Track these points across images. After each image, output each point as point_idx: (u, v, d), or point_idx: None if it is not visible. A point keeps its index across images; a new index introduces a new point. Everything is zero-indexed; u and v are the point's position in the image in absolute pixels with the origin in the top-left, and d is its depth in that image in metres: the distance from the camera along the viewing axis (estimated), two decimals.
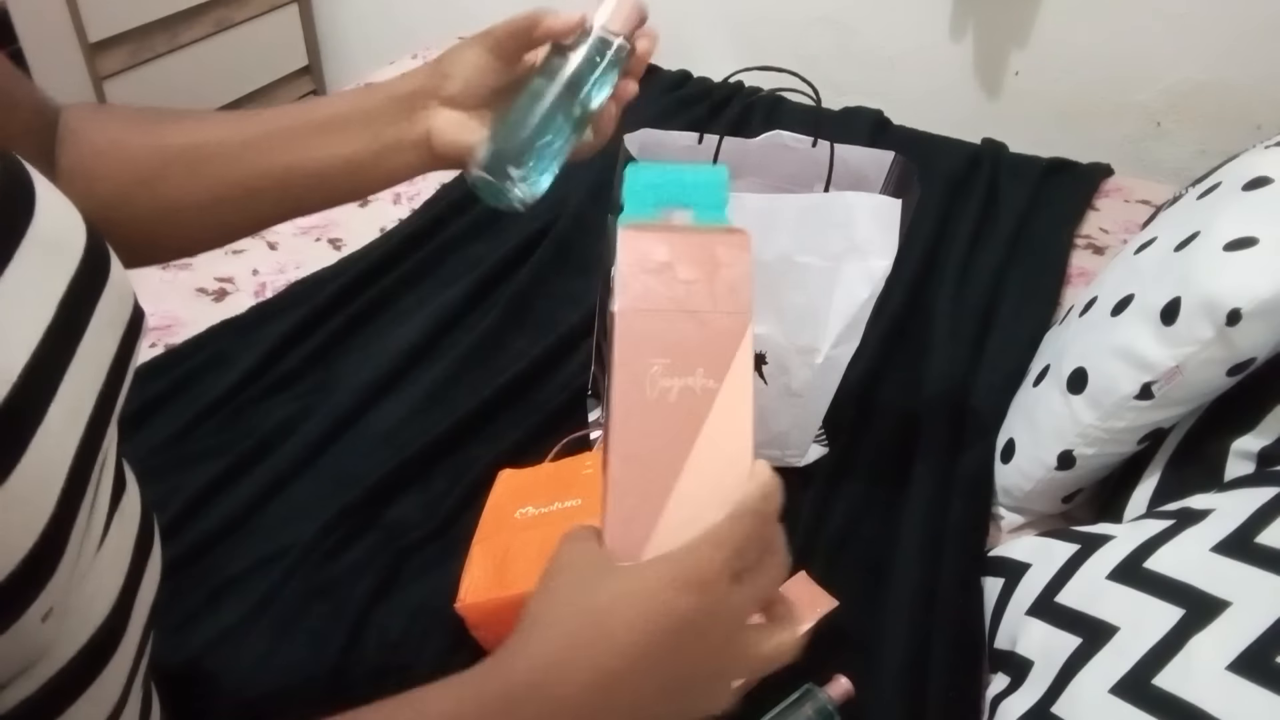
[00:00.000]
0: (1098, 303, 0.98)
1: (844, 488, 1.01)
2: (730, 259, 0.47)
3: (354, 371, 1.15)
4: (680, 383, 0.46)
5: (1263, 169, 0.88)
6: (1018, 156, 1.64)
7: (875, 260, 0.87)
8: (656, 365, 0.46)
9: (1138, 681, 0.62)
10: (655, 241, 0.47)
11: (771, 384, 0.94)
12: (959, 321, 1.24)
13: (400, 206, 1.48)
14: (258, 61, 2.41)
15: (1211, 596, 0.63)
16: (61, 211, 0.43)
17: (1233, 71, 1.65)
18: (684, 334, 0.46)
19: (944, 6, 1.80)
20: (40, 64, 1.91)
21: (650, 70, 1.88)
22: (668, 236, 0.48)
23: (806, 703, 0.77)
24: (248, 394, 1.11)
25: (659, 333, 0.46)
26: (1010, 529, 1.00)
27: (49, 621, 0.39)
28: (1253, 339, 0.78)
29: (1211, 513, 0.70)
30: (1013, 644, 0.77)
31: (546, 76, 0.64)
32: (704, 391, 0.46)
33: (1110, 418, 0.89)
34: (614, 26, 0.64)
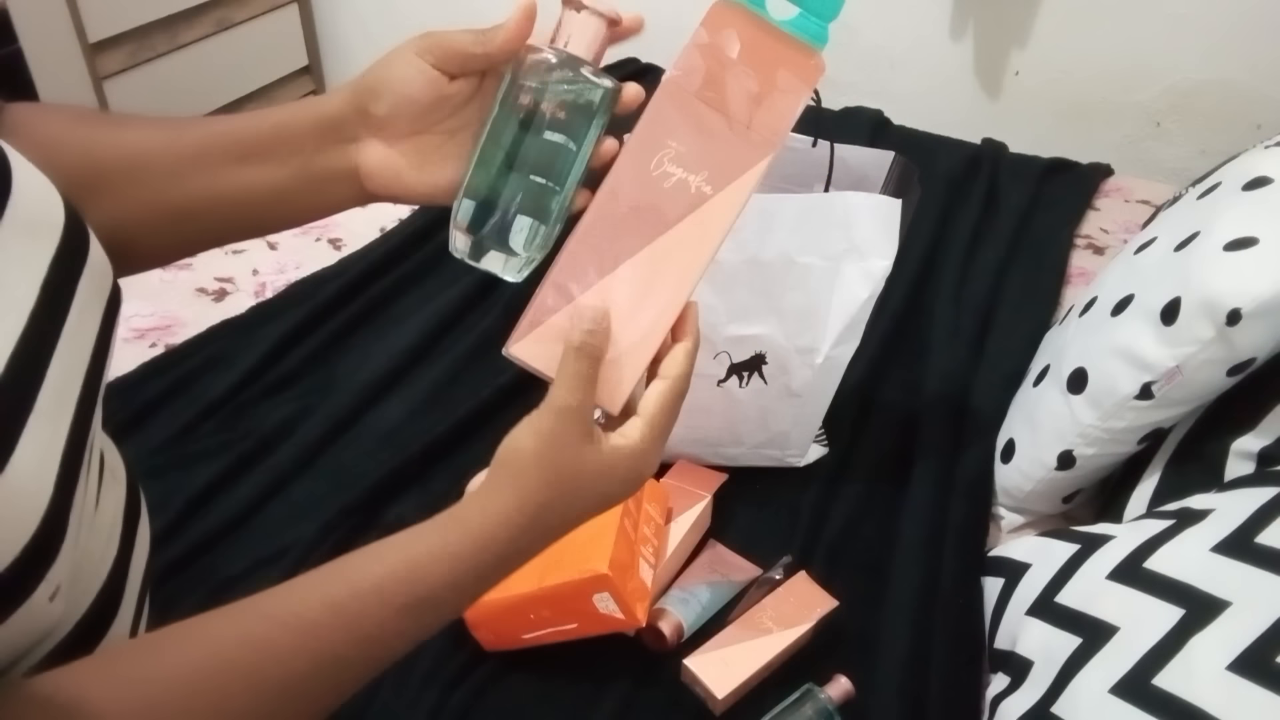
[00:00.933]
0: (1098, 303, 0.98)
1: (844, 488, 1.01)
2: (789, 86, 0.47)
3: (354, 371, 1.16)
4: (682, 174, 0.47)
5: (1263, 169, 0.88)
6: (1018, 156, 1.64)
7: (875, 260, 0.87)
8: (672, 147, 0.47)
9: (1138, 681, 0.62)
10: (733, 30, 0.47)
11: (771, 384, 0.94)
12: (959, 321, 1.24)
13: (400, 206, 1.48)
14: (258, 61, 2.41)
15: (1211, 596, 0.63)
16: (39, 189, 0.43)
17: (1233, 71, 1.65)
18: (710, 133, 0.47)
19: (944, 6, 1.80)
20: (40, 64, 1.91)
21: (650, 70, 1.88)
22: (750, 34, 0.47)
23: (806, 703, 0.77)
24: (248, 394, 1.11)
25: (690, 119, 0.47)
26: (1010, 529, 1.00)
27: (56, 600, 0.39)
28: (1253, 339, 0.78)
29: (1211, 513, 0.70)
30: (1013, 644, 0.77)
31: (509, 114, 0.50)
32: (697, 193, 0.47)
33: (1110, 418, 0.89)
34: (580, 50, 0.50)
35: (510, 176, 0.50)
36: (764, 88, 0.47)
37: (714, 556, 0.92)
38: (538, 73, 0.49)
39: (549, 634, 0.82)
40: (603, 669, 0.83)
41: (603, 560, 0.77)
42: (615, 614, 0.79)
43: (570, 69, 0.49)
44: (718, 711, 0.80)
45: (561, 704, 0.81)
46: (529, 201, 0.50)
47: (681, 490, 0.95)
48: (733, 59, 0.47)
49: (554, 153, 0.49)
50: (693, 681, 0.81)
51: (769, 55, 0.47)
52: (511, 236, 0.50)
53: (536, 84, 0.49)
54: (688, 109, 0.47)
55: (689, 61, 0.47)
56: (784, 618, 0.84)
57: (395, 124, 0.53)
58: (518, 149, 0.50)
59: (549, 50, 0.50)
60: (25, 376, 0.38)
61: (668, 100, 0.47)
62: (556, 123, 0.49)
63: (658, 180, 0.47)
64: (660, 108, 0.47)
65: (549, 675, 0.83)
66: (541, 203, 0.50)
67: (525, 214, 0.50)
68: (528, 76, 0.49)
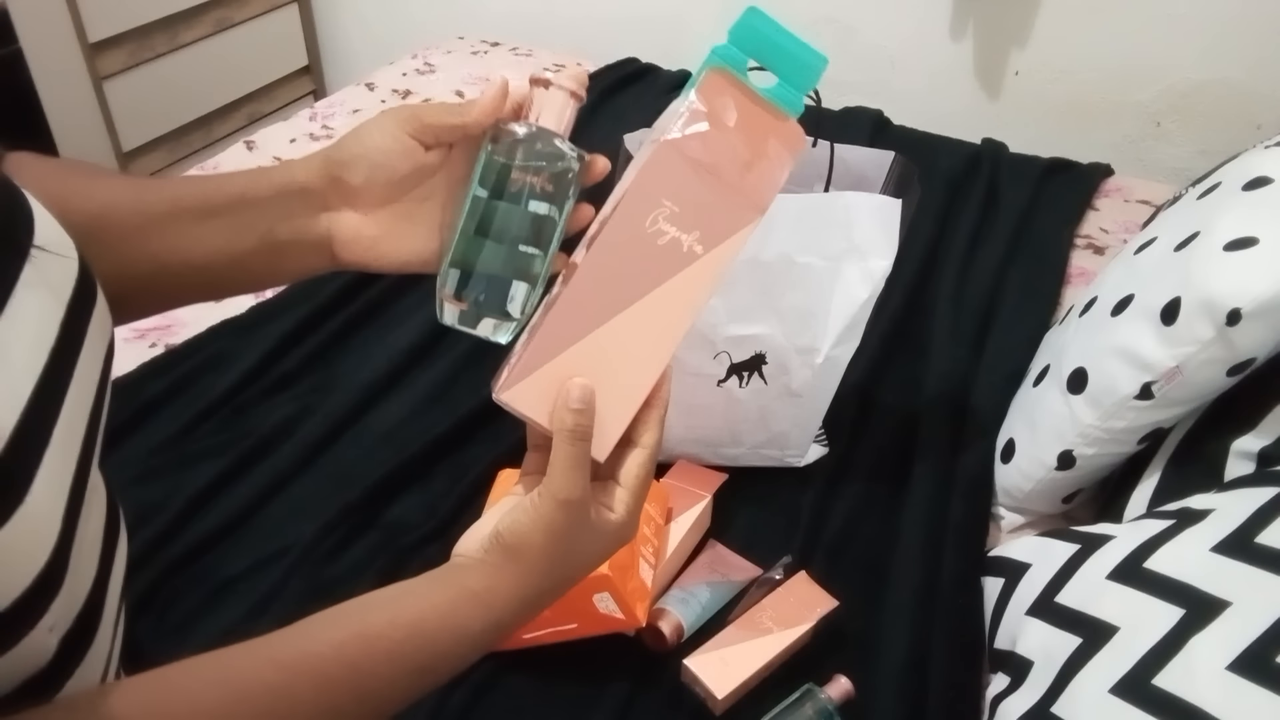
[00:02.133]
0: (1098, 303, 0.98)
1: (844, 488, 1.01)
2: (776, 156, 0.51)
3: (354, 371, 1.16)
4: (675, 232, 0.49)
5: (1263, 169, 0.88)
6: (1018, 156, 1.64)
7: (875, 260, 0.87)
8: (667, 206, 0.49)
9: (1138, 681, 0.62)
10: (730, 99, 0.50)
11: (771, 384, 0.94)
12: (959, 321, 1.24)
13: None
14: (258, 61, 2.41)
15: (1211, 596, 0.63)
16: (54, 232, 0.44)
17: (1233, 71, 1.65)
18: (704, 195, 0.49)
19: (944, 6, 1.80)
20: (40, 64, 1.91)
21: (650, 70, 1.88)
22: (742, 102, 0.50)
23: (806, 703, 0.77)
24: (248, 394, 1.11)
25: (686, 181, 0.49)
26: (1010, 529, 1.00)
27: (53, 631, 0.40)
28: (1253, 339, 0.78)
29: (1211, 513, 0.70)
30: (1013, 644, 0.77)
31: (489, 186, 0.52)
32: (688, 252, 0.49)
33: (1110, 418, 0.89)
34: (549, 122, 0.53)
35: (495, 246, 0.52)
36: (754, 155, 0.50)
37: (714, 556, 0.92)
38: (516, 146, 0.52)
39: (549, 634, 0.82)
40: (603, 669, 0.83)
41: None
42: (615, 614, 0.79)
43: (545, 141, 0.52)
44: (718, 711, 0.80)
45: (561, 704, 0.81)
46: (518, 269, 0.52)
47: (681, 490, 0.95)
48: (727, 125, 0.50)
49: (540, 221, 0.52)
50: (693, 681, 0.81)
51: (757, 123, 0.50)
52: (508, 303, 0.53)
53: (516, 157, 0.52)
54: (684, 171, 0.49)
55: (685, 124, 0.49)
56: (784, 618, 0.84)
57: (370, 193, 0.53)
58: (502, 219, 0.52)
59: (522, 124, 0.53)
60: (45, 413, 0.39)
61: (666, 161, 0.49)
62: (539, 193, 0.52)
63: (652, 237, 0.49)
64: (658, 167, 0.49)
65: (549, 675, 0.83)
66: (529, 269, 0.53)
67: (516, 278, 0.52)
68: (506, 150, 0.52)
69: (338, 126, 1.70)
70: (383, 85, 1.84)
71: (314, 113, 1.75)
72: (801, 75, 0.51)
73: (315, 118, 1.73)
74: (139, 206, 0.54)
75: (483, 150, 0.53)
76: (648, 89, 1.81)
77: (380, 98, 1.79)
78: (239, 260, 0.55)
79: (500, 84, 0.53)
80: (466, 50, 1.99)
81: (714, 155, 0.49)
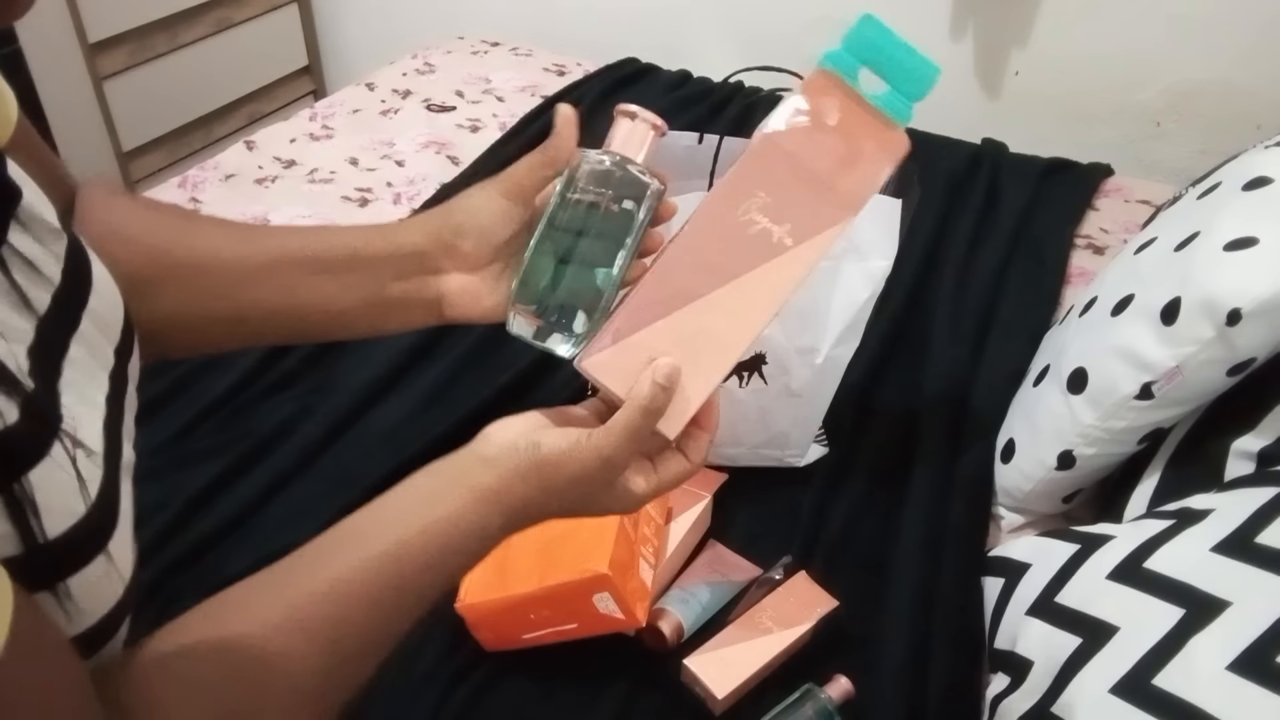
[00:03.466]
0: (1098, 303, 0.98)
1: (844, 488, 1.01)
2: (874, 159, 0.51)
3: (354, 371, 1.15)
4: (767, 223, 0.50)
5: (1263, 169, 0.88)
6: (1018, 156, 1.64)
7: (875, 260, 0.87)
8: (760, 197, 0.50)
9: (1138, 681, 0.62)
10: (833, 99, 0.51)
11: (771, 384, 0.94)
12: (959, 321, 1.24)
13: (400, 206, 1.48)
14: (258, 61, 2.41)
15: (1211, 596, 0.63)
16: (107, 284, 0.46)
17: (1233, 71, 1.65)
18: (798, 189, 0.50)
19: (944, 6, 1.80)
20: (40, 64, 1.91)
21: (650, 70, 1.88)
22: (847, 104, 0.51)
23: (806, 703, 0.77)
24: (248, 394, 1.11)
25: (782, 173, 0.50)
26: (1010, 529, 1.00)
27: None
28: (1253, 339, 0.78)
29: (1211, 513, 0.70)
30: (1013, 644, 0.77)
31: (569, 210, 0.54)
32: (778, 243, 0.50)
33: (1110, 418, 0.89)
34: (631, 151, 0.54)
35: (573, 269, 0.54)
36: (852, 155, 0.50)
37: (714, 556, 0.92)
38: (599, 175, 0.54)
39: (549, 634, 0.82)
40: (603, 669, 0.83)
41: (603, 560, 0.77)
42: (615, 614, 0.79)
43: (624, 169, 0.54)
44: (718, 711, 0.80)
45: (561, 704, 0.81)
46: (592, 290, 0.54)
47: (681, 490, 0.94)
48: (828, 125, 0.50)
49: (614, 246, 0.53)
50: (693, 681, 0.81)
51: (859, 126, 0.51)
52: (576, 322, 0.54)
53: (596, 184, 0.54)
54: (780, 164, 0.50)
55: (787, 121, 0.50)
56: (784, 618, 0.84)
57: (478, 256, 0.57)
58: (580, 242, 0.54)
59: (604, 153, 0.54)
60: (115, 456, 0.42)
61: (763, 153, 0.50)
62: (615, 217, 0.53)
63: (743, 226, 0.49)
64: (755, 158, 0.50)
65: (549, 675, 0.83)
66: (602, 291, 0.54)
67: (588, 300, 0.54)
68: (588, 178, 0.54)
69: (338, 126, 1.70)
70: (383, 85, 1.84)
71: (314, 113, 1.75)
72: (912, 84, 0.52)
73: (315, 118, 1.73)
74: (243, 255, 0.57)
75: (563, 175, 0.55)
76: (648, 89, 1.81)
77: (380, 97, 1.79)
78: (343, 313, 0.59)
79: (569, 116, 0.55)
80: (466, 50, 1.99)
81: (812, 152, 0.50)
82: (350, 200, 1.49)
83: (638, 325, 0.50)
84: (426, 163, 1.60)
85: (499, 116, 1.73)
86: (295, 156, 1.61)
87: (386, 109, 1.75)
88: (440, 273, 0.58)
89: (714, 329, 0.50)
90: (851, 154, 0.50)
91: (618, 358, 0.50)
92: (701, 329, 0.50)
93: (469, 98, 1.80)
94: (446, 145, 1.65)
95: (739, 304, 0.50)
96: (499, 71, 1.90)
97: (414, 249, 0.57)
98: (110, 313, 0.47)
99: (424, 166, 1.59)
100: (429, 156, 1.62)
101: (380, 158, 1.61)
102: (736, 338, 0.50)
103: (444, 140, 1.66)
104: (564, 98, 1.75)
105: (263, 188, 1.52)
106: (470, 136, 1.67)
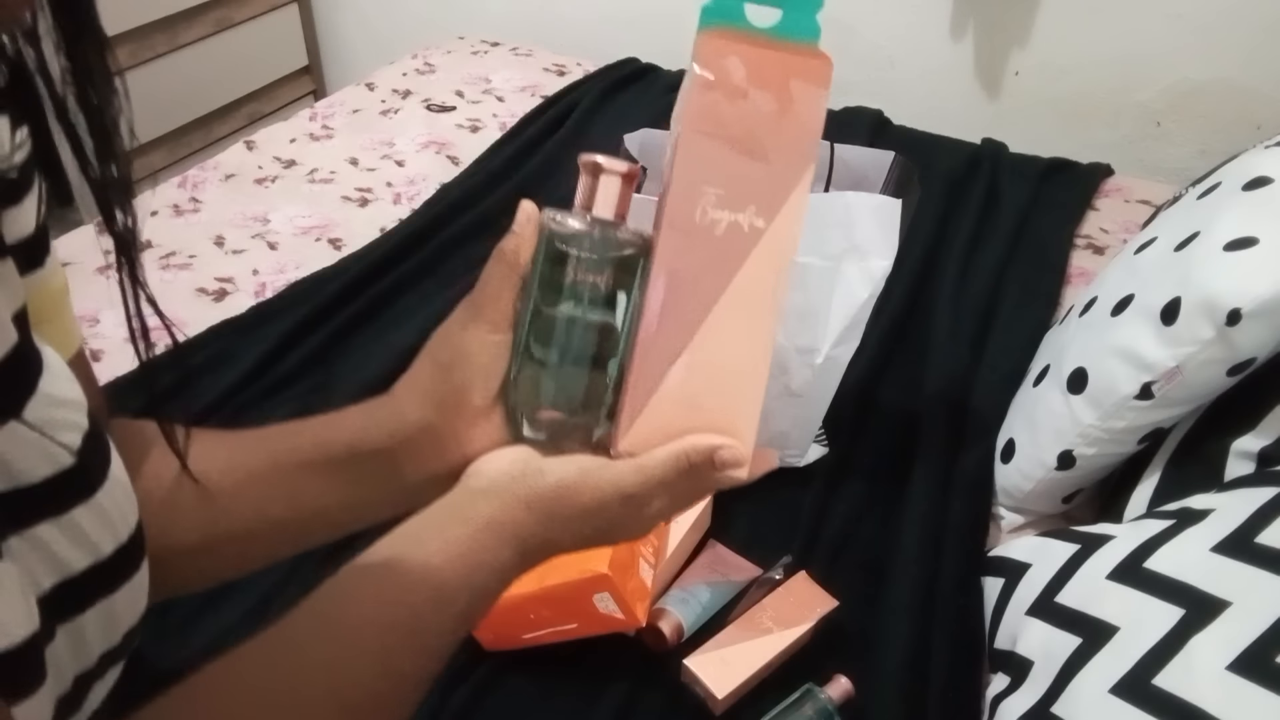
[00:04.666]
0: (1098, 303, 0.98)
1: (844, 488, 1.01)
2: (805, 95, 0.46)
3: (354, 371, 1.15)
4: (730, 216, 0.46)
5: (1263, 169, 0.88)
6: (1018, 156, 1.64)
7: (875, 260, 0.87)
8: (711, 194, 0.45)
9: (1138, 681, 0.62)
10: (732, 57, 0.45)
11: (771, 384, 0.94)
12: (959, 321, 1.24)
13: (400, 206, 1.48)
14: (258, 61, 2.41)
15: (1211, 596, 0.63)
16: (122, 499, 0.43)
17: (1233, 71, 1.65)
18: (744, 165, 0.46)
19: (944, 6, 1.80)
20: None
21: (650, 70, 1.88)
22: (747, 52, 0.45)
23: (806, 703, 0.77)
24: (248, 394, 1.11)
25: (719, 161, 0.45)
26: (1010, 529, 1.00)
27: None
28: (1253, 339, 0.78)
29: (1211, 513, 0.70)
30: (1013, 644, 0.77)
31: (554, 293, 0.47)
32: (751, 230, 0.46)
33: (1110, 418, 0.89)
34: (607, 211, 0.48)
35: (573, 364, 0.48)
36: (781, 103, 0.46)
37: (714, 556, 0.92)
38: (574, 246, 0.47)
39: (549, 634, 0.82)
40: (603, 669, 0.83)
41: (603, 560, 0.77)
42: (615, 614, 0.79)
43: (603, 232, 0.47)
44: (718, 711, 0.80)
45: (561, 704, 0.81)
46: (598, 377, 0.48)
47: None
48: (740, 85, 0.45)
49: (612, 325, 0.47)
50: (693, 681, 0.81)
51: (772, 70, 0.46)
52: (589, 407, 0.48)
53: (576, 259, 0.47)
54: (712, 149, 0.45)
55: (695, 105, 0.45)
56: (784, 618, 0.84)
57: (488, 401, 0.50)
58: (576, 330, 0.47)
59: (576, 218, 0.47)
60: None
61: (690, 147, 0.45)
62: (607, 292, 0.47)
63: (707, 230, 0.45)
64: (686, 157, 0.45)
65: (549, 675, 0.83)
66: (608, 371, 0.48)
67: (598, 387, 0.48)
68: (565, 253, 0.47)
69: (338, 126, 1.70)
70: (383, 85, 1.84)
71: (314, 113, 1.75)
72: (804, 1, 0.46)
73: (315, 118, 1.73)
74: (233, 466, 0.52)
75: (537, 254, 0.48)
76: (648, 89, 1.81)
77: (380, 97, 1.79)
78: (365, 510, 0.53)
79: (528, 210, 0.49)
80: (466, 50, 1.99)
81: (739, 121, 0.45)
82: (350, 200, 1.49)
83: (651, 386, 0.46)
84: (426, 163, 1.60)
85: (499, 116, 1.73)
86: (295, 156, 1.61)
87: (386, 109, 1.75)
88: (456, 435, 0.50)
89: (731, 346, 0.47)
90: (780, 102, 0.45)
91: (648, 425, 0.46)
92: (718, 353, 0.46)
93: (469, 98, 1.80)
94: (446, 145, 1.65)
95: (743, 309, 0.46)
96: (499, 71, 1.90)
97: (419, 424, 0.50)
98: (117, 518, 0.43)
99: (424, 166, 1.59)
100: (429, 156, 1.62)
101: (380, 158, 1.61)
102: (758, 342, 0.47)
103: (444, 140, 1.66)
104: (564, 98, 1.75)
105: (263, 188, 1.52)
106: (470, 136, 1.67)
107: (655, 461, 0.45)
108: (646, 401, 0.46)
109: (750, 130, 0.45)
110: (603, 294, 0.47)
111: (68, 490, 0.39)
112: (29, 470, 0.38)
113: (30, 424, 0.38)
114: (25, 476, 0.37)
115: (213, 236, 1.40)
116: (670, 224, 0.46)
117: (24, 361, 0.39)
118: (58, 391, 0.41)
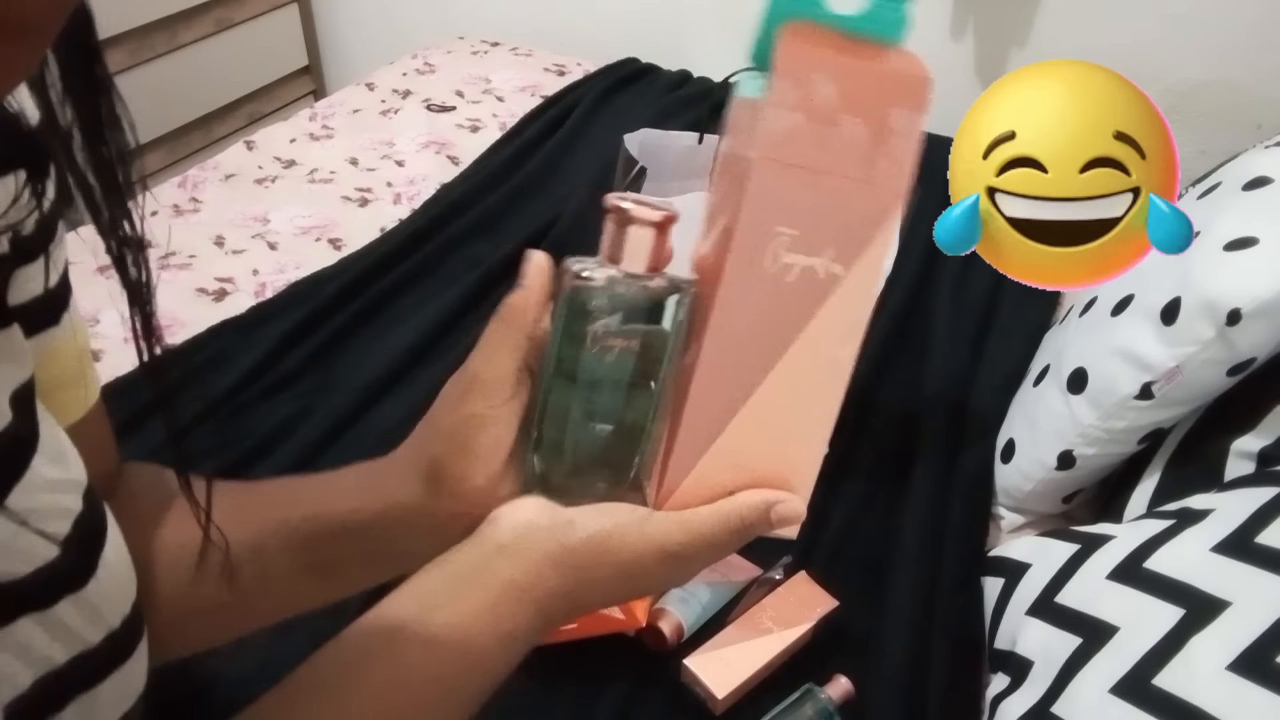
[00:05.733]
0: (1098, 303, 0.98)
1: (844, 488, 1.01)
2: (903, 125, 0.39)
3: (354, 371, 1.16)
4: (805, 260, 0.39)
5: (1263, 169, 0.88)
6: None
7: None
8: (783, 234, 0.39)
9: (1138, 681, 0.62)
10: (822, 72, 0.38)
11: None
12: (959, 321, 1.24)
13: (400, 206, 1.48)
14: (258, 61, 2.40)
15: (1211, 596, 0.63)
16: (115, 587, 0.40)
17: (1233, 71, 1.65)
18: (824, 203, 0.39)
19: (944, 6, 1.80)
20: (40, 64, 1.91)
21: (650, 70, 1.88)
22: (837, 64, 0.38)
23: (806, 703, 0.77)
24: (248, 394, 1.11)
25: (797, 197, 0.38)
26: (1010, 529, 1.00)
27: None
28: (1253, 339, 0.78)
29: (1211, 513, 0.70)
30: (1013, 644, 0.77)
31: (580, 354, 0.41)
32: (828, 277, 0.39)
33: (1110, 418, 0.89)
34: (638, 265, 0.41)
35: (599, 425, 0.42)
36: (875, 134, 0.39)
37: None
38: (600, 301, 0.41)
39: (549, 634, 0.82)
40: (603, 669, 0.83)
41: None
42: (615, 614, 0.79)
43: (634, 287, 0.41)
44: (718, 711, 0.80)
45: (561, 704, 0.81)
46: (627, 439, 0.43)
47: None
48: (830, 110, 0.38)
49: (645, 386, 0.42)
50: (693, 681, 0.81)
51: (870, 89, 0.38)
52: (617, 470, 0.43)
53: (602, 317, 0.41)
54: (792, 185, 0.38)
55: (779, 128, 0.38)
56: (784, 618, 0.84)
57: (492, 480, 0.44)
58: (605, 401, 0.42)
59: (602, 270, 0.41)
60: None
61: (763, 182, 0.38)
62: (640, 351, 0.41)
63: (777, 276, 0.39)
64: (760, 195, 0.38)
65: (549, 675, 0.83)
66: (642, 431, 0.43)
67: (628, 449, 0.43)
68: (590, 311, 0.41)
69: (337, 126, 1.70)
70: (383, 85, 1.84)
71: (314, 113, 1.75)
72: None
73: (315, 118, 1.73)
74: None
75: (559, 310, 0.42)
76: (648, 89, 1.81)
77: (380, 97, 1.79)
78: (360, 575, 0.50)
79: (539, 262, 0.43)
80: (466, 50, 1.99)
81: (822, 152, 0.38)
82: (350, 200, 1.49)
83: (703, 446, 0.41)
84: (426, 163, 1.60)
85: (499, 116, 1.73)
86: (295, 156, 1.61)
87: (386, 109, 1.75)
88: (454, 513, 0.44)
89: (794, 404, 0.41)
90: (874, 132, 0.39)
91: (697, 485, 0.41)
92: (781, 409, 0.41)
93: (469, 98, 1.80)
94: (446, 145, 1.65)
95: (812, 365, 0.40)
96: (499, 71, 1.90)
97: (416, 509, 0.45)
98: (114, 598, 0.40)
99: (424, 166, 1.59)
100: (429, 156, 1.62)
101: (380, 158, 1.61)
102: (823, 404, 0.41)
103: (444, 140, 1.66)
104: (564, 98, 1.75)
105: (263, 188, 1.52)
106: (470, 136, 1.67)
107: (702, 519, 0.41)
108: (695, 461, 0.41)
109: (838, 164, 0.39)
110: (634, 355, 0.41)
111: (52, 585, 0.36)
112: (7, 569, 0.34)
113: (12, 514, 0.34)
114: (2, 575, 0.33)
115: (213, 236, 1.40)
116: (735, 268, 0.39)
117: (15, 444, 0.36)
118: (50, 473, 0.37)
